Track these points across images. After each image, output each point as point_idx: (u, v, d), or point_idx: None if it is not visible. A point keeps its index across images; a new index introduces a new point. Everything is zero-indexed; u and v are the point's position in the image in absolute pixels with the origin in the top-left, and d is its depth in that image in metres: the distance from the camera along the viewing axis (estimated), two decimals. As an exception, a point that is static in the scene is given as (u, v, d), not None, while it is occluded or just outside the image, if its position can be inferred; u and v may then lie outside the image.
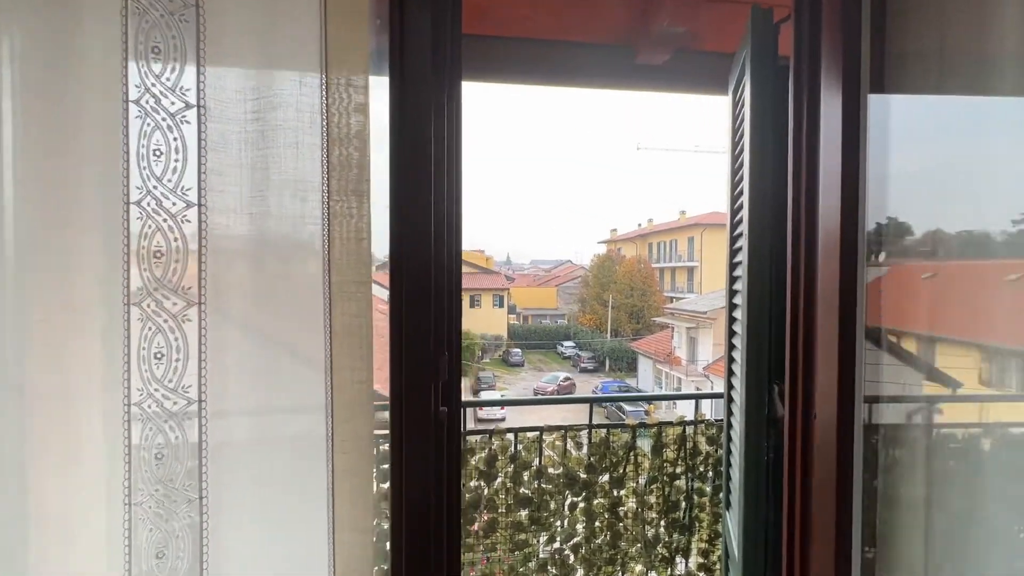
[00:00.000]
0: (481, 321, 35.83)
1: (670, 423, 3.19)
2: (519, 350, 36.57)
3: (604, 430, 3.10)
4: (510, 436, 2.99)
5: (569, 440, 3.07)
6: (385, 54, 0.96)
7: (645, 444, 3.18)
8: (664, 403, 22.64)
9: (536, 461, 3.01)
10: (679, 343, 25.88)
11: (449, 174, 1.13)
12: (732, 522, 2.00)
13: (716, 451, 3.21)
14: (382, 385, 1.00)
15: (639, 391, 27.52)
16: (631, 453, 3.10)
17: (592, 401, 3.30)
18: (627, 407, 19.64)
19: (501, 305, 38.60)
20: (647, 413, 18.64)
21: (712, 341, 22.77)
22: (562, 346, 38.15)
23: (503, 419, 18.32)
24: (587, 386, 28.88)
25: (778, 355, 1.72)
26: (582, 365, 34.17)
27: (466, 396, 24.63)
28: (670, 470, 3.15)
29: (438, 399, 0.93)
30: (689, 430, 3.17)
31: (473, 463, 2.94)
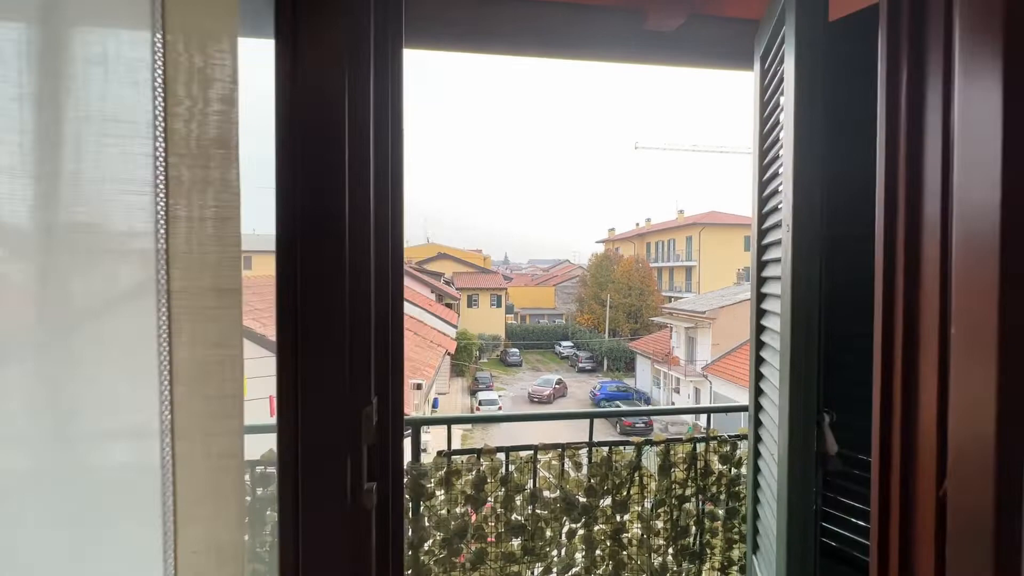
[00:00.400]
0: (479, 321, 35.72)
1: (679, 439, 2.89)
2: (517, 350, 36.42)
3: (606, 448, 2.77)
4: (500, 456, 2.66)
5: (567, 459, 2.74)
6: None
7: (650, 462, 2.86)
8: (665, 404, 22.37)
9: (530, 483, 2.69)
10: (677, 343, 25.62)
11: (380, 142, 0.80)
12: (763, 573, 1.67)
13: (730, 471, 2.90)
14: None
15: (637, 391, 27.23)
16: (636, 473, 2.79)
17: (592, 416, 2.95)
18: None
19: (499, 305, 38.44)
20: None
21: (711, 341, 22.51)
22: (560, 346, 37.99)
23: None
24: (585, 386, 28.61)
25: (827, 379, 1.40)
26: (580, 365, 33.95)
27: (462, 397, 24.50)
28: (679, 492, 2.85)
29: (360, 473, 0.58)
30: (700, 447, 2.86)
31: (459, 487, 2.62)
